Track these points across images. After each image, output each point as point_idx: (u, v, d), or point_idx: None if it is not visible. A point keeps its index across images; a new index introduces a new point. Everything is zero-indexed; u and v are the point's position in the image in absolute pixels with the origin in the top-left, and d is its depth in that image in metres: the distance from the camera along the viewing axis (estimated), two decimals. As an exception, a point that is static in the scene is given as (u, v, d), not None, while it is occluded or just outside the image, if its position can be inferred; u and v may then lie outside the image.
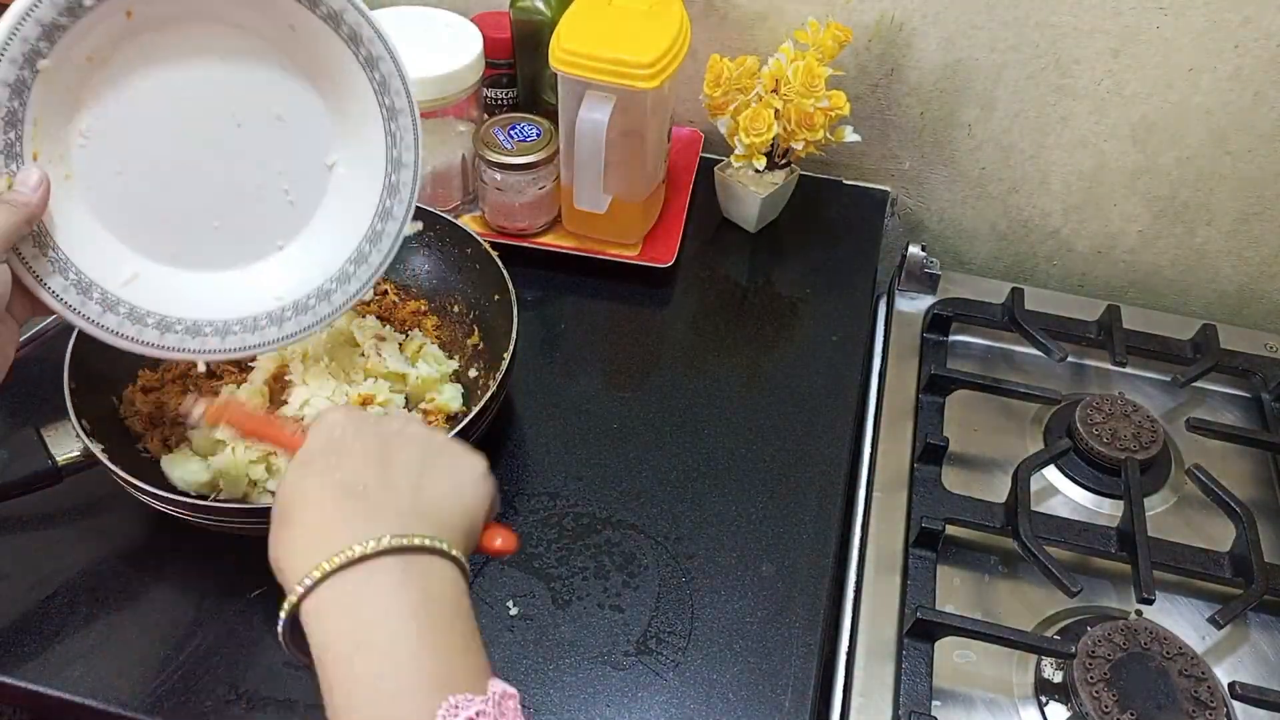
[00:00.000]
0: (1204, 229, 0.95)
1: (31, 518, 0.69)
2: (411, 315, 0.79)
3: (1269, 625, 0.71)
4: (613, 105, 0.76)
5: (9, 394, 0.72)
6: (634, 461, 0.75)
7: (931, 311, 0.88)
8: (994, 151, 0.95)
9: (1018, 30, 0.86)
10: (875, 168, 1.00)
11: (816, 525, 0.72)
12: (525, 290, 0.73)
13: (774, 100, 0.84)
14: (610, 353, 0.84)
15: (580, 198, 0.82)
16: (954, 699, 0.65)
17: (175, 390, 0.71)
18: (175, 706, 0.60)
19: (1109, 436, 0.77)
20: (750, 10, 0.92)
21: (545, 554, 0.69)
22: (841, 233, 0.96)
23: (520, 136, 0.84)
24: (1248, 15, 0.80)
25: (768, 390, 0.81)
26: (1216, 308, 1.00)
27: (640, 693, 0.63)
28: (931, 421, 0.80)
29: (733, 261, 0.92)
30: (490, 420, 0.69)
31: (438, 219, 0.78)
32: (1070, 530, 0.73)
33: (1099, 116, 0.90)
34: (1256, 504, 0.77)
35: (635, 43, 0.76)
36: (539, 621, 0.65)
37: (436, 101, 0.81)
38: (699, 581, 0.68)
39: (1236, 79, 0.84)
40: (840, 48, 0.84)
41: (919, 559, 0.71)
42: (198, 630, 0.64)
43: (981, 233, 1.02)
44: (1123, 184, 0.94)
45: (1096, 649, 0.64)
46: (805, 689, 0.63)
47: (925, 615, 0.65)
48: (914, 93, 0.93)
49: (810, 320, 0.87)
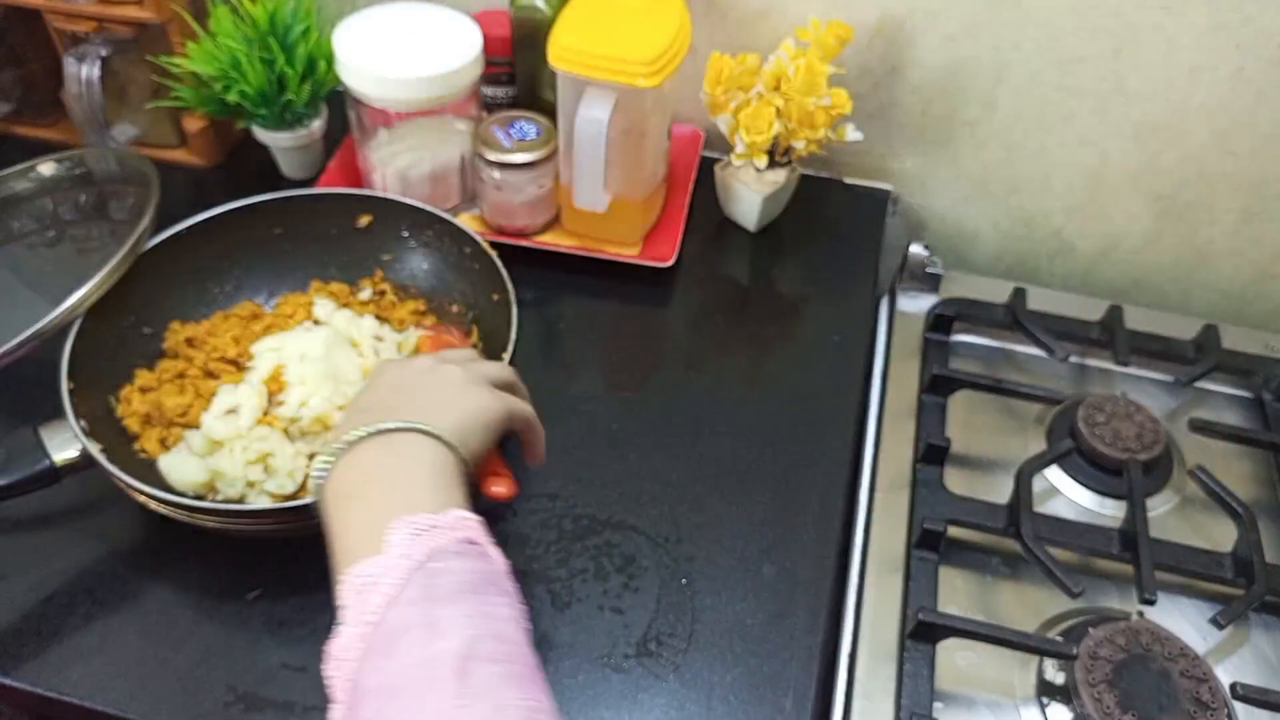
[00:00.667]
0: (1206, 229, 0.94)
1: (29, 518, 0.69)
2: (409, 315, 0.78)
3: (1271, 626, 0.71)
4: (613, 103, 0.76)
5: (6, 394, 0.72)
6: (634, 462, 0.75)
7: (933, 311, 0.88)
8: (996, 150, 0.95)
9: (1020, 29, 0.86)
10: (877, 166, 1.00)
11: (818, 526, 0.72)
12: (524, 290, 0.72)
13: (775, 98, 0.84)
14: (610, 353, 0.83)
15: (580, 196, 0.82)
16: (956, 700, 0.65)
17: (172, 390, 0.71)
18: (174, 707, 0.60)
19: (1111, 437, 0.77)
20: (751, 7, 0.91)
21: (545, 556, 0.69)
22: (843, 232, 0.95)
23: (519, 135, 0.84)
24: (1250, 15, 0.80)
25: (769, 390, 0.81)
26: (1219, 308, 1.00)
27: (640, 695, 0.62)
28: (933, 422, 0.80)
29: (733, 261, 0.92)
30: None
31: (436, 218, 0.78)
32: (1072, 531, 0.72)
33: (1101, 116, 0.89)
34: (1258, 504, 0.77)
35: (635, 40, 0.75)
36: (538, 624, 0.65)
37: (435, 100, 0.81)
38: (699, 583, 0.68)
39: (1239, 78, 0.84)
40: (842, 45, 0.84)
41: (921, 560, 0.71)
42: (196, 631, 0.63)
43: (984, 232, 1.02)
44: (1125, 183, 0.93)
45: (1098, 650, 0.64)
46: (806, 691, 0.63)
47: (927, 617, 0.65)
48: (916, 91, 0.93)
49: (811, 320, 0.87)
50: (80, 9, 0.84)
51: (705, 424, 0.78)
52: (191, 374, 0.72)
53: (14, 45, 0.91)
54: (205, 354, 0.72)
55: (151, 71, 0.87)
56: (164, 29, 0.85)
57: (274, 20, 0.84)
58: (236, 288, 0.78)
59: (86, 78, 0.84)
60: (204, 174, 0.95)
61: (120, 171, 0.84)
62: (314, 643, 0.63)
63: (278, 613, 0.65)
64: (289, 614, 0.65)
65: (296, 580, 0.66)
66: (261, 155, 0.94)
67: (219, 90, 0.85)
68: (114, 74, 0.88)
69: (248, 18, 0.84)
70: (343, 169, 0.92)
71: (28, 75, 0.94)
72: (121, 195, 0.84)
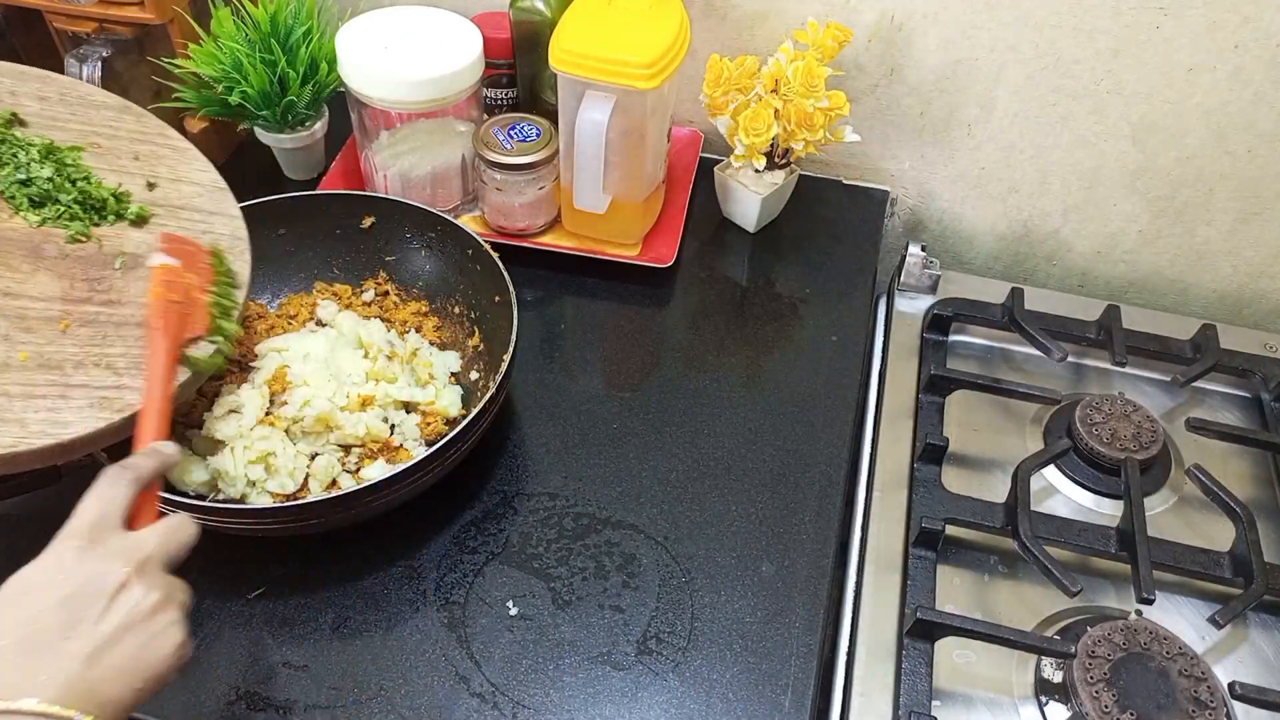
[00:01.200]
0: (1204, 229, 0.95)
1: (30, 516, 0.69)
2: (412, 316, 0.79)
3: (1269, 625, 0.71)
4: (613, 105, 0.76)
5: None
6: (634, 462, 0.75)
7: (931, 311, 0.88)
8: (994, 151, 0.95)
9: (1018, 30, 0.86)
10: (875, 168, 1.00)
11: (816, 525, 0.72)
12: (525, 290, 0.73)
13: (774, 100, 0.84)
14: (610, 353, 0.84)
15: (580, 198, 0.82)
16: (954, 699, 0.65)
17: (175, 390, 0.71)
18: (175, 706, 0.60)
19: (1109, 436, 0.77)
20: (750, 10, 0.92)
21: (545, 554, 0.69)
22: (841, 233, 0.96)
23: (520, 136, 0.84)
24: (1247, 15, 0.80)
25: (767, 390, 0.81)
26: (1216, 307, 1.00)
27: (640, 693, 0.63)
28: (931, 421, 0.80)
29: (732, 261, 0.92)
30: (489, 422, 0.69)
31: (439, 220, 0.78)
32: (1070, 530, 0.73)
33: (1099, 116, 0.90)
34: (1256, 504, 0.77)
35: (635, 43, 0.76)
36: (539, 622, 0.65)
37: (436, 101, 0.81)
38: (699, 582, 0.68)
39: (1236, 79, 0.84)
40: (840, 47, 0.84)
41: (919, 559, 0.71)
42: (198, 629, 0.64)
43: (981, 232, 1.02)
44: (1123, 184, 0.94)
45: (1096, 649, 0.64)
46: (805, 689, 0.63)
47: (925, 615, 0.65)
48: (914, 92, 0.93)
49: (810, 320, 0.87)
50: (81, 10, 0.84)
51: (704, 423, 0.78)
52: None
53: (15, 46, 0.91)
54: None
55: (153, 73, 0.87)
56: (165, 30, 0.86)
57: (276, 22, 0.85)
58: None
59: (88, 79, 0.84)
60: (205, 175, 0.96)
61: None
62: (316, 642, 0.64)
63: (279, 611, 0.65)
64: (291, 613, 0.65)
65: (298, 579, 0.67)
66: (263, 156, 0.94)
67: (221, 92, 0.85)
68: (115, 75, 0.88)
69: (249, 19, 0.84)
70: (344, 170, 0.92)
71: (29, 77, 0.94)
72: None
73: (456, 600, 0.66)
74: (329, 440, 0.69)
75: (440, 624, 0.65)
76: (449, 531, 0.70)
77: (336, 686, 0.62)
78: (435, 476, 0.66)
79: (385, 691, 0.62)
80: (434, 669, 0.63)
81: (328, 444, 0.69)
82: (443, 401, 0.72)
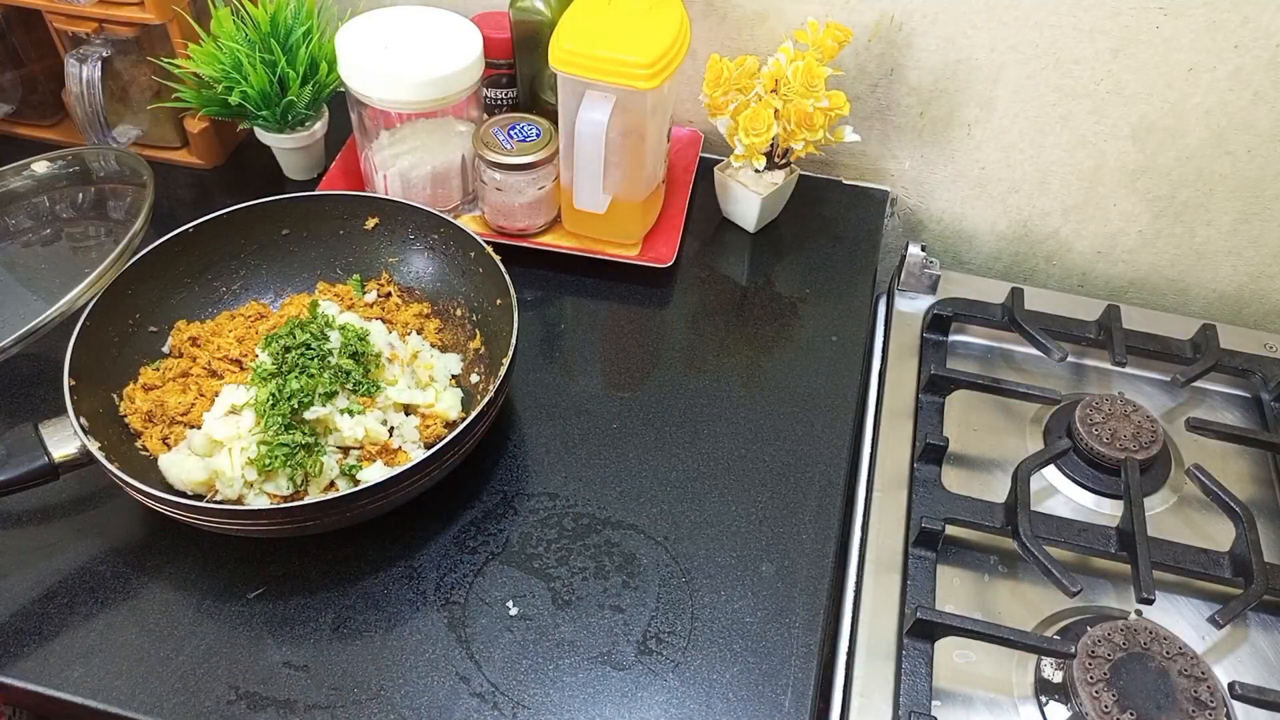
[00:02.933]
0: (1203, 229, 0.95)
1: (29, 515, 0.69)
2: (414, 318, 0.79)
3: (1269, 625, 0.71)
4: (613, 105, 0.76)
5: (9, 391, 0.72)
6: (634, 462, 0.75)
7: (931, 311, 0.88)
8: (994, 151, 0.95)
9: (1017, 30, 0.86)
10: (875, 168, 1.00)
11: (816, 525, 0.72)
12: (525, 290, 0.73)
13: (773, 100, 0.84)
14: (610, 353, 0.84)
15: (580, 198, 0.82)
16: (954, 699, 0.65)
17: (175, 388, 0.71)
18: (175, 706, 0.60)
19: (1109, 436, 0.77)
20: (750, 10, 0.92)
21: (545, 554, 0.69)
22: (841, 233, 0.96)
23: (520, 136, 0.84)
24: (1247, 15, 0.80)
25: (767, 390, 0.81)
26: (1216, 307, 1.00)
27: (640, 693, 0.63)
28: (931, 421, 0.80)
29: (732, 261, 0.92)
30: (488, 426, 0.69)
31: (442, 222, 0.78)
32: (1070, 530, 0.73)
33: (1098, 116, 0.90)
34: (1256, 504, 0.77)
35: (635, 42, 0.76)
36: (539, 622, 0.65)
37: (436, 101, 0.81)
38: (699, 582, 0.68)
39: (1236, 79, 0.84)
40: (840, 48, 0.84)
41: (919, 559, 0.71)
42: (197, 629, 0.64)
43: (981, 232, 1.02)
44: (1122, 184, 0.94)
45: (1096, 649, 0.64)
46: (805, 689, 0.63)
47: (925, 615, 0.65)
48: (914, 93, 0.93)
49: (810, 320, 0.87)
50: (81, 10, 0.84)
51: (704, 423, 0.78)
52: (195, 373, 0.72)
53: (15, 46, 0.92)
54: (209, 353, 0.73)
55: (153, 73, 0.87)
56: (165, 30, 0.86)
57: (275, 22, 0.85)
58: (244, 288, 0.79)
59: (88, 79, 0.84)
60: (206, 175, 0.96)
61: (117, 171, 0.84)
62: (316, 641, 0.64)
63: (279, 611, 0.65)
64: (291, 612, 0.65)
65: (298, 578, 0.67)
66: (263, 156, 0.94)
67: (221, 92, 0.85)
68: (115, 75, 0.88)
69: (249, 19, 0.84)
70: (344, 170, 0.92)
71: (29, 76, 0.94)
72: (119, 194, 0.84)
73: (456, 600, 0.66)
74: (328, 442, 0.69)
75: (440, 624, 0.65)
76: (449, 531, 0.70)
77: (336, 686, 0.62)
78: (433, 480, 0.66)
79: (385, 691, 0.62)
80: (434, 669, 0.63)
81: (326, 446, 0.69)
82: (443, 404, 0.72)
